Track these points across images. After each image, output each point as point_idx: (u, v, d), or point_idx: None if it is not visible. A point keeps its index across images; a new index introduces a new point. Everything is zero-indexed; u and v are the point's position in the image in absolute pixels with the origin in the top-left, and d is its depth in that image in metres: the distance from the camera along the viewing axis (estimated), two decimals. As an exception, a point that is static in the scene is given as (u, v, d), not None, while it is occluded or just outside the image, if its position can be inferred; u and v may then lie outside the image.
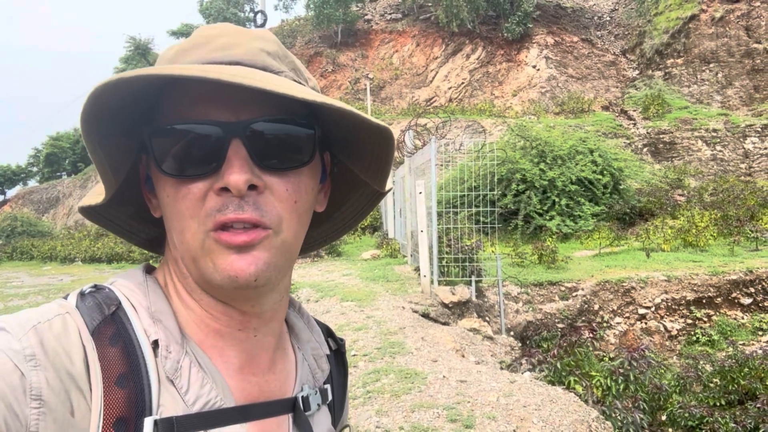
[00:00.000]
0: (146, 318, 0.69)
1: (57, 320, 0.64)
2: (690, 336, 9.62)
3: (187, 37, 0.76)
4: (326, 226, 0.94)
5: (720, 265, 10.27)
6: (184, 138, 0.66)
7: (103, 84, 0.57)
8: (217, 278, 0.66)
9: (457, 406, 4.30)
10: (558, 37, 30.72)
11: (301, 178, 0.71)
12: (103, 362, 0.63)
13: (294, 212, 0.70)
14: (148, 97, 0.68)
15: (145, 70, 0.59)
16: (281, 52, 0.74)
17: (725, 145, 21.58)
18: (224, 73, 0.60)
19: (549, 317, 9.38)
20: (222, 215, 0.65)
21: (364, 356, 5.71)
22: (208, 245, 0.66)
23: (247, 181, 0.64)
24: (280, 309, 0.80)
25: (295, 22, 38.93)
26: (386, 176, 0.82)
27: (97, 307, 0.68)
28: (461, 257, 8.92)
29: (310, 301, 8.41)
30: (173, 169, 0.67)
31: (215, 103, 0.66)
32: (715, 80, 25.27)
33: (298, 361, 0.83)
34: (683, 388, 7.31)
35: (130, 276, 0.75)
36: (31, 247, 27.79)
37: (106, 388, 0.62)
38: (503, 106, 28.26)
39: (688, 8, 26.45)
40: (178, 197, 0.67)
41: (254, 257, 0.66)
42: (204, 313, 0.72)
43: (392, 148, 0.76)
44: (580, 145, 15.97)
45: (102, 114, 0.62)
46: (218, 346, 0.73)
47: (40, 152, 57.31)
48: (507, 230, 14.68)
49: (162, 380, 0.66)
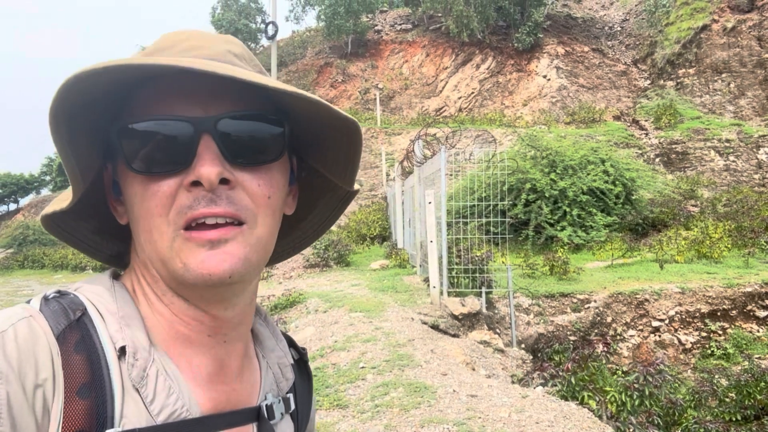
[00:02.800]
0: (113, 324, 0.67)
1: (22, 324, 0.61)
2: (705, 349, 9.45)
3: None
4: (296, 234, 0.93)
5: (735, 277, 10.10)
6: (153, 134, 0.65)
7: (74, 75, 0.56)
8: (189, 278, 0.64)
9: (467, 421, 4.21)
10: (569, 47, 30.66)
11: (272, 173, 0.70)
12: (66, 370, 0.61)
13: (268, 207, 0.69)
14: (116, 96, 0.66)
15: (117, 61, 0.57)
16: (247, 55, 0.74)
17: (738, 156, 21.36)
18: (196, 62, 0.59)
19: (561, 329, 9.25)
20: (193, 211, 0.63)
21: (372, 369, 5.62)
22: (178, 245, 0.64)
23: (219, 174, 0.63)
24: (249, 311, 0.78)
25: (306, 33, 39.20)
26: (354, 173, 0.81)
27: (63, 311, 0.65)
28: (471, 268, 8.83)
29: (318, 312, 8.34)
30: (142, 166, 0.65)
31: (185, 99, 0.65)
32: (727, 90, 25.08)
33: (262, 369, 0.83)
34: (698, 402, 7.18)
35: (96, 281, 0.73)
36: (43, 255, 28.01)
37: (67, 398, 0.60)
38: (513, 116, 28.18)
39: (699, 18, 26.31)
40: (146, 195, 0.65)
41: (227, 253, 0.64)
42: (174, 318, 0.71)
43: (359, 141, 0.75)
44: (591, 155, 15.84)
45: (71, 110, 0.60)
46: (187, 353, 0.71)
47: (53, 161, 57.89)
48: (517, 241, 14.55)
49: (127, 389, 0.64)
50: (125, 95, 0.68)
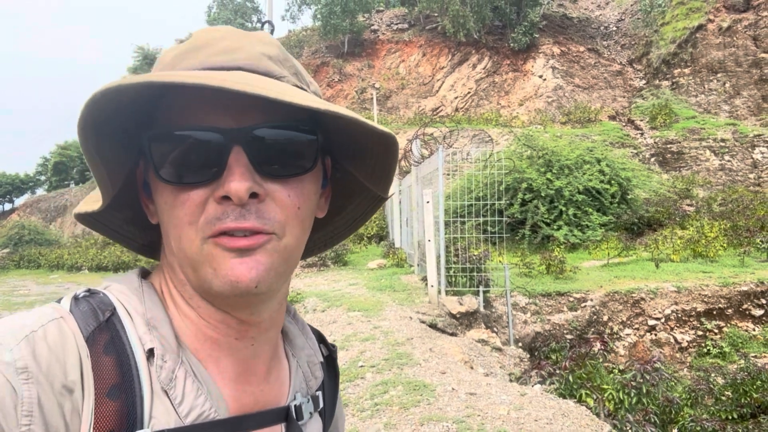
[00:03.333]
0: (141, 325, 0.67)
1: (52, 326, 0.61)
2: (701, 348, 9.50)
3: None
4: (326, 230, 0.92)
5: (730, 275, 10.16)
6: (183, 144, 0.64)
7: (103, 90, 0.56)
8: (217, 284, 0.64)
9: (467, 419, 4.23)
10: (564, 47, 30.73)
11: (303, 184, 0.69)
12: (96, 372, 0.61)
13: (297, 218, 0.69)
14: (146, 101, 0.66)
15: (146, 77, 0.57)
16: (282, 55, 0.72)
17: (734, 155, 21.45)
18: (227, 80, 0.58)
19: (557, 328, 9.29)
20: (222, 224, 0.63)
21: (371, 367, 5.64)
22: (207, 250, 0.64)
23: (249, 189, 0.63)
24: (278, 317, 0.78)
25: (302, 33, 39.14)
26: (389, 182, 0.81)
27: (92, 312, 0.66)
28: (469, 267, 8.86)
29: (316, 311, 8.36)
30: (172, 176, 0.65)
31: (216, 109, 0.65)
32: (722, 90, 25.18)
33: (291, 368, 0.82)
34: (695, 401, 7.22)
35: (125, 280, 0.73)
36: (39, 255, 27.93)
37: (97, 399, 0.60)
38: (510, 116, 28.23)
39: (695, 18, 26.41)
40: (176, 204, 0.65)
41: (255, 261, 0.64)
42: (201, 321, 0.71)
43: (396, 154, 0.74)
44: (587, 155, 15.90)
45: (99, 120, 0.60)
46: (214, 355, 0.71)
47: (48, 161, 57.76)
48: (514, 240, 14.60)
49: (155, 391, 0.64)
50: (156, 101, 0.67)
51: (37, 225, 38.36)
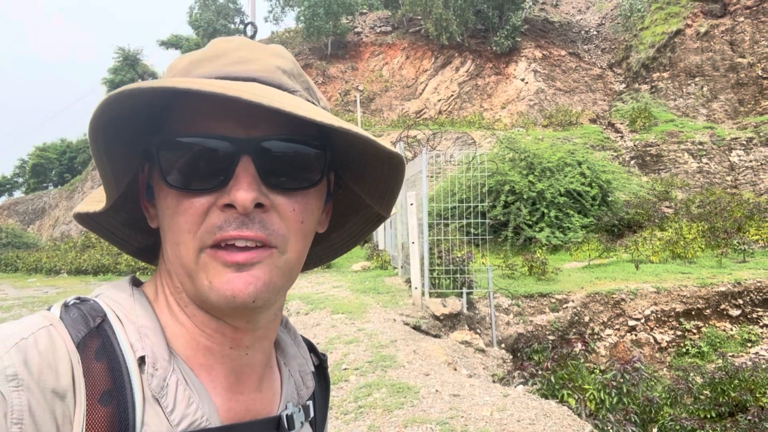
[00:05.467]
0: (133, 332, 0.67)
1: (42, 333, 0.61)
2: (680, 348, 9.64)
3: (177, 47, 0.73)
4: (324, 245, 0.92)
5: (708, 276, 10.33)
6: (192, 151, 0.65)
7: (117, 93, 0.56)
8: (212, 297, 0.64)
9: (450, 420, 4.25)
10: (546, 51, 31.02)
11: (308, 198, 0.70)
12: (87, 378, 0.61)
13: (300, 233, 0.69)
14: (156, 106, 0.66)
15: (165, 82, 0.58)
16: (296, 70, 0.73)
17: (711, 158, 21.82)
18: (244, 91, 0.58)
19: (540, 329, 9.36)
20: (223, 232, 0.63)
21: (355, 370, 5.64)
22: (204, 260, 0.64)
23: (254, 200, 0.63)
24: (273, 326, 0.78)
25: (285, 34, 39.01)
26: (393, 201, 0.81)
27: (82, 318, 0.65)
28: (452, 269, 8.90)
29: (300, 314, 8.33)
30: (178, 181, 0.65)
31: (227, 118, 0.65)
32: (700, 94, 25.60)
33: (283, 377, 0.82)
34: (674, 400, 7.32)
35: (116, 288, 0.73)
36: (16, 258, 27.43)
37: (89, 405, 0.60)
38: (492, 119, 28.41)
39: (673, 23, 26.83)
40: (179, 210, 0.65)
41: (254, 276, 0.64)
42: (195, 329, 0.70)
43: (402, 174, 0.75)
44: (568, 158, 16.07)
45: (110, 122, 0.61)
46: (207, 363, 0.71)
47: (26, 163, 56.74)
48: (497, 242, 14.69)
49: (147, 398, 0.64)
50: (167, 106, 0.67)
51: (14, 228, 37.70)
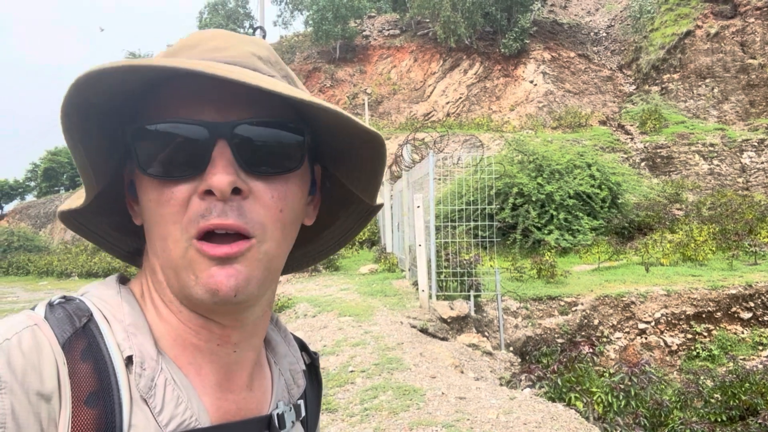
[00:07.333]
0: (120, 331, 0.66)
1: (26, 333, 0.60)
2: (690, 351, 9.56)
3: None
4: (317, 243, 0.91)
5: (719, 279, 10.24)
6: (167, 138, 0.63)
7: (86, 73, 0.55)
8: (197, 291, 0.64)
9: (456, 423, 4.23)
10: (555, 53, 30.93)
11: (288, 185, 0.68)
12: (73, 379, 0.59)
13: (278, 221, 0.67)
14: (132, 96, 0.65)
15: (132, 61, 0.56)
16: (273, 58, 0.71)
17: (722, 160, 21.64)
18: (218, 68, 0.57)
19: (548, 332, 9.32)
20: (205, 221, 0.62)
21: (361, 372, 5.64)
22: (191, 255, 0.63)
23: (231, 183, 0.62)
24: (262, 324, 0.76)
25: (294, 38, 39.17)
26: (377, 188, 0.79)
27: (68, 318, 0.64)
28: (460, 271, 8.88)
29: (307, 317, 8.34)
30: (155, 169, 0.64)
31: (202, 103, 0.64)
32: (711, 95, 25.41)
33: (274, 376, 0.81)
34: (684, 403, 7.25)
35: (102, 286, 0.72)
36: (28, 261, 27.70)
37: (74, 407, 0.58)
38: (501, 121, 28.34)
39: (683, 24, 26.66)
40: (161, 201, 0.64)
41: (235, 270, 0.63)
42: (182, 326, 0.69)
43: (383, 156, 0.73)
44: (577, 160, 16.00)
45: (84, 108, 0.59)
46: (196, 362, 0.69)
47: (38, 167, 57.28)
48: (505, 244, 14.64)
49: (135, 399, 0.62)
50: (143, 96, 0.66)
51: (26, 231, 38.05)
